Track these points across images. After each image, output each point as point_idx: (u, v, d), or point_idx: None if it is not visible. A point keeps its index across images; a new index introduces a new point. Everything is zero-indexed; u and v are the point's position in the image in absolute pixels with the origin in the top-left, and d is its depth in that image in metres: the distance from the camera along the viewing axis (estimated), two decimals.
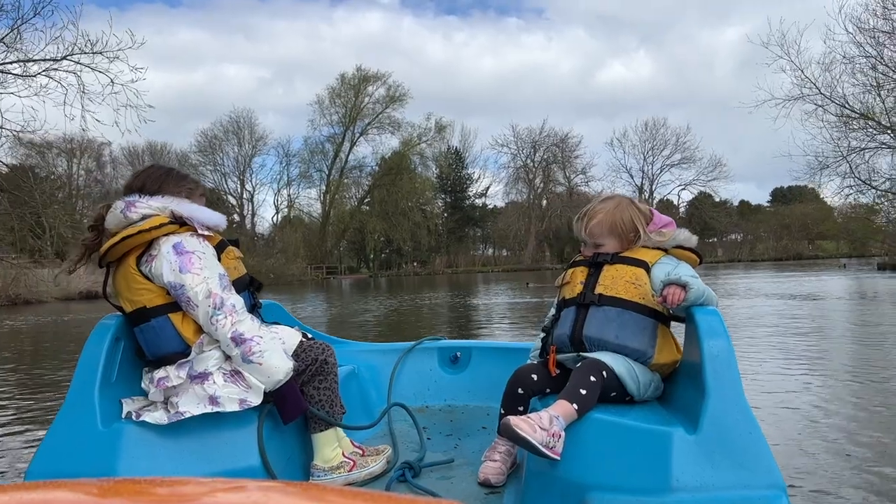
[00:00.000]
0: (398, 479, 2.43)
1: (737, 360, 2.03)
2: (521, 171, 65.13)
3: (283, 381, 2.27)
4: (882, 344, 7.83)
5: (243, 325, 2.24)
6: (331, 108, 60.84)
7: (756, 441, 1.89)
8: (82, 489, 0.77)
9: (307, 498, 0.77)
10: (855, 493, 3.07)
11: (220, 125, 60.01)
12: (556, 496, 2.04)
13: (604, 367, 2.21)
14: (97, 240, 2.41)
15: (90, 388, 2.21)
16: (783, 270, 32.92)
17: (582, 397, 2.11)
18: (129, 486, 0.82)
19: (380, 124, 61.46)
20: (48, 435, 2.18)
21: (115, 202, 2.38)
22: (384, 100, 60.71)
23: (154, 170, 2.49)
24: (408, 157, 61.19)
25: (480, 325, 12.14)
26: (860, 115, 24.97)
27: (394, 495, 0.83)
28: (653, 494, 1.85)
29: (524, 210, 64.56)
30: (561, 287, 2.59)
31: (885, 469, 3.37)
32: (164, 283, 2.25)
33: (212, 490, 0.79)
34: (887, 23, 23.98)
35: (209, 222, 2.40)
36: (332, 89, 60.76)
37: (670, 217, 2.61)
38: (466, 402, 3.44)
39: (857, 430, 4.06)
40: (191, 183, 2.51)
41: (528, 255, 62.54)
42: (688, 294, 2.19)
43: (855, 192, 26.37)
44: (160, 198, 2.37)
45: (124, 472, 2.08)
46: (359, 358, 3.43)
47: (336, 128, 61.08)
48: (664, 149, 64.52)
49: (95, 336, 2.30)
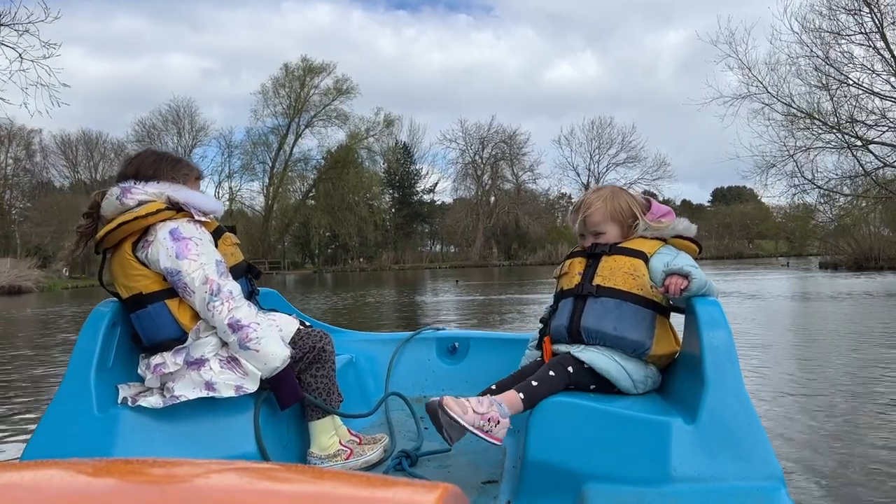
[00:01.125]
0: (395, 468, 2.44)
1: (737, 352, 2.02)
2: (470, 167, 64.90)
3: (280, 368, 2.27)
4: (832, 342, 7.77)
5: (240, 311, 2.23)
6: (275, 98, 59.12)
7: (755, 432, 1.89)
8: (76, 468, 0.78)
9: (302, 479, 0.78)
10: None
11: (158, 114, 57.32)
12: (554, 486, 2.03)
13: (572, 362, 2.24)
14: (92, 226, 2.41)
15: (86, 373, 2.22)
16: (727, 268, 33.11)
17: (531, 388, 2.14)
18: (122, 466, 0.84)
19: (326, 116, 60.12)
20: (44, 419, 2.19)
21: (110, 188, 2.38)
22: (331, 92, 59.20)
23: (147, 155, 2.48)
24: (355, 151, 59.95)
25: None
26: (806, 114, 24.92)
27: (389, 478, 0.84)
28: (651, 485, 1.85)
29: (472, 207, 64.17)
30: (559, 278, 2.57)
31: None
32: (160, 269, 2.25)
33: (206, 471, 0.80)
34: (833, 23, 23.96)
35: (206, 208, 2.38)
36: (276, 79, 59.05)
37: (668, 207, 2.57)
38: (464, 392, 3.44)
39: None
40: (185, 168, 2.49)
41: (476, 252, 62.17)
42: (690, 284, 2.17)
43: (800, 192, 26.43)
44: (156, 183, 2.36)
45: (120, 456, 2.04)
46: (356, 347, 3.44)
47: (280, 119, 59.48)
48: (610, 147, 65.10)
49: (91, 322, 2.31)
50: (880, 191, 24.96)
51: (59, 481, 0.75)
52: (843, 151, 25.00)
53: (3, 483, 0.72)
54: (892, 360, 6.48)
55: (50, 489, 0.73)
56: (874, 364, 6.29)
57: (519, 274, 36.68)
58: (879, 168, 24.72)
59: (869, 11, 23.75)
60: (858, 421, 4.32)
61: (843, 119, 24.18)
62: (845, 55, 24.29)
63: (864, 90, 24.04)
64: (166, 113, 57.53)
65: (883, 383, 5.47)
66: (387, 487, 0.76)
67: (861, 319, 10.36)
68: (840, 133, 24.30)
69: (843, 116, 24.35)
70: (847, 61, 24.29)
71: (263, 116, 59.24)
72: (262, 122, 59.36)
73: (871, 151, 24.51)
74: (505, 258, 62.16)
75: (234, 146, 59.84)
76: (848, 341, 7.92)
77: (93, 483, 0.75)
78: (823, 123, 24.95)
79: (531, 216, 62.63)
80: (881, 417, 4.38)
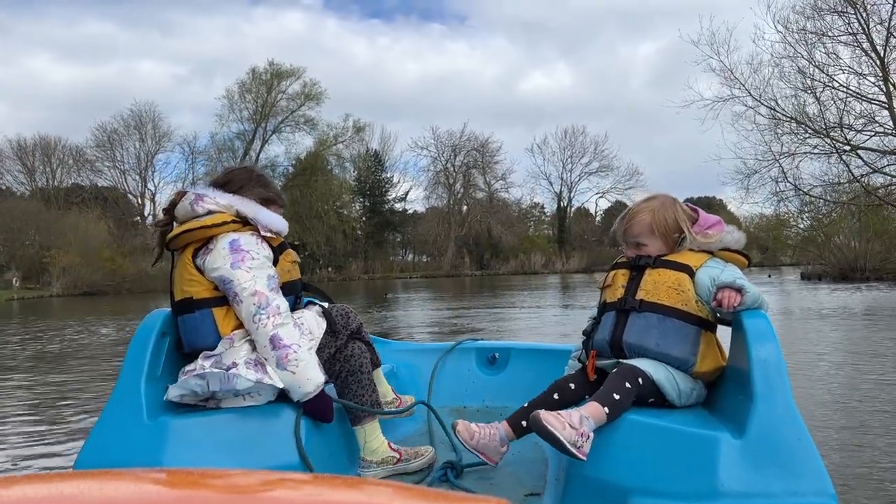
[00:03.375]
0: (440, 479, 2.47)
1: (786, 366, 1.99)
2: (441, 175, 63.57)
3: (313, 394, 2.28)
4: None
5: (284, 328, 2.27)
6: (241, 103, 56.91)
7: (805, 447, 1.84)
8: (129, 478, 0.81)
9: (360, 492, 0.78)
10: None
11: (120, 119, 54.43)
12: (598, 500, 2.01)
13: (640, 373, 2.18)
14: (168, 224, 2.49)
15: (137, 382, 2.27)
16: None
17: (614, 402, 2.09)
18: (183, 476, 0.85)
19: (294, 122, 58.31)
20: (96, 427, 2.25)
21: (189, 190, 2.46)
22: (299, 97, 57.22)
23: (242, 171, 2.58)
24: (323, 158, 58.03)
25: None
26: (790, 118, 23.47)
27: (442, 492, 0.86)
28: (698, 500, 1.81)
29: (444, 215, 62.72)
30: (603, 290, 2.55)
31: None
32: (213, 277, 2.31)
33: (259, 482, 0.80)
34: (818, 23, 22.58)
35: (272, 226, 2.44)
36: (242, 83, 56.82)
37: (717, 216, 2.49)
38: (504, 403, 3.32)
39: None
40: (272, 192, 2.57)
41: (447, 262, 60.51)
42: (744, 298, 2.15)
43: (784, 199, 24.97)
44: (230, 196, 2.43)
45: (169, 464, 2.09)
46: (397, 357, 3.44)
47: (246, 124, 57.25)
48: (583, 156, 64.78)
49: (142, 331, 2.37)
50: (869, 198, 23.56)
51: (110, 492, 0.76)
52: (830, 157, 23.64)
53: (58, 493, 0.73)
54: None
55: (102, 500, 0.74)
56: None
57: (482, 285, 34.89)
58: (868, 174, 23.36)
59: (854, 12, 22.45)
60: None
61: (830, 123, 22.81)
62: (831, 56, 22.98)
63: (850, 94, 22.72)
64: (128, 118, 54.78)
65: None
66: (441, 501, 0.76)
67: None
68: (829, 138, 22.87)
69: (830, 120, 23.00)
70: (832, 62, 22.97)
71: (229, 122, 57.20)
72: (228, 127, 57.21)
73: (860, 157, 23.14)
74: (477, 268, 60.55)
75: (199, 152, 57.25)
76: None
77: (145, 493, 0.77)
78: (809, 128, 23.56)
79: (504, 225, 61.52)
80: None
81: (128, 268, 38.03)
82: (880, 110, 22.95)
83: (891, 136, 23.01)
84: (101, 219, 42.88)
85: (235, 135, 56.90)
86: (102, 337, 13.23)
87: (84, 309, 22.25)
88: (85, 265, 36.69)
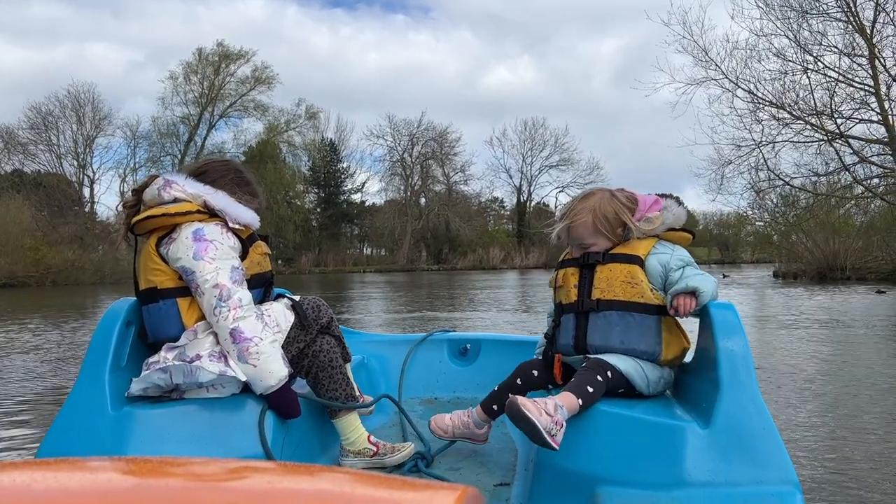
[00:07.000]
0: (410, 470, 2.51)
1: (752, 356, 2.03)
2: (398, 165, 60.85)
3: (276, 387, 2.26)
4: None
5: (246, 321, 2.24)
6: (185, 85, 53.36)
7: (770, 437, 1.88)
8: (91, 467, 0.82)
9: (322, 480, 0.80)
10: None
11: (55, 100, 50.24)
12: (566, 489, 2.05)
13: (609, 367, 2.22)
14: (136, 206, 2.45)
15: (101, 372, 2.25)
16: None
17: (588, 393, 2.11)
18: (142, 464, 0.85)
19: (243, 107, 55.59)
20: (59, 416, 2.23)
21: (160, 175, 2.45)
22: (249, 80, 53.91)
23: (222, 164, 2.55)
24: (275, 145, 54.93)
25: None
26: (770, 102, 21.20)
27: (408, 479, 0.85)
28: (664, 489, 1.84)
29: (400, 207, 60.00)
30: (555, 290, 2.55)
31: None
32: (176, 267, 2.29)
33: (222, 470, 0.81)
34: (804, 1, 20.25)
35: (241, 219, 2.40)
36: (187, 64, 53.33)
37: (654, 196, 2.49)
38: (475, 394, 3.30)
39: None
40: (249, 190, 2.54)
41: (404, 255, 58.00)
42: (698, 300, 2.20)
43: (763, 189, 22.70)
44: (202, 186, 2.40)
45: (132, 454, 2.08)
46: (368, 349, 3.48)
47: (191, 108, 53.54)
48: (543, 149, 63.68)
49: (106, 319, 2.34)
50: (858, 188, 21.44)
51: (73, 480, 0.76)
52: (814, 145, 21.46)
53: (19, 482, 0.72)
54: None
55: (64, 488, 0.73)
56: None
57: (432, 284, 31.91)
58: (858, 163, 21.24)
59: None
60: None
61: (818, 108, 20.58)
62: (815, 34, 20.77)
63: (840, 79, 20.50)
64: (64, 98, 50.62)
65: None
66: (406, 489, 0.77)
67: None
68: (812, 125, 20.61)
69: (815, 105, 20.78)
70: (817, 42, 20.77)
71: (172, 105, 53.97)
72: (171, 110, 53.67)
73: (849, 145, 21.00)
74: (434, 262, 57.83)
75: (142, 137, 53.32)
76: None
77: (107, 481, 0.77)
78: (790, 114, 21.34)
79: (462, 219, 59.28)
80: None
81: (52, 258, 34.28)
82: (868, 96, 20.87)
83: (877, 125, 20.95)
84: (25, 205, 38.83)
85: (179, 118, 53.53)
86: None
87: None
88: (3, 255, 32.79)
